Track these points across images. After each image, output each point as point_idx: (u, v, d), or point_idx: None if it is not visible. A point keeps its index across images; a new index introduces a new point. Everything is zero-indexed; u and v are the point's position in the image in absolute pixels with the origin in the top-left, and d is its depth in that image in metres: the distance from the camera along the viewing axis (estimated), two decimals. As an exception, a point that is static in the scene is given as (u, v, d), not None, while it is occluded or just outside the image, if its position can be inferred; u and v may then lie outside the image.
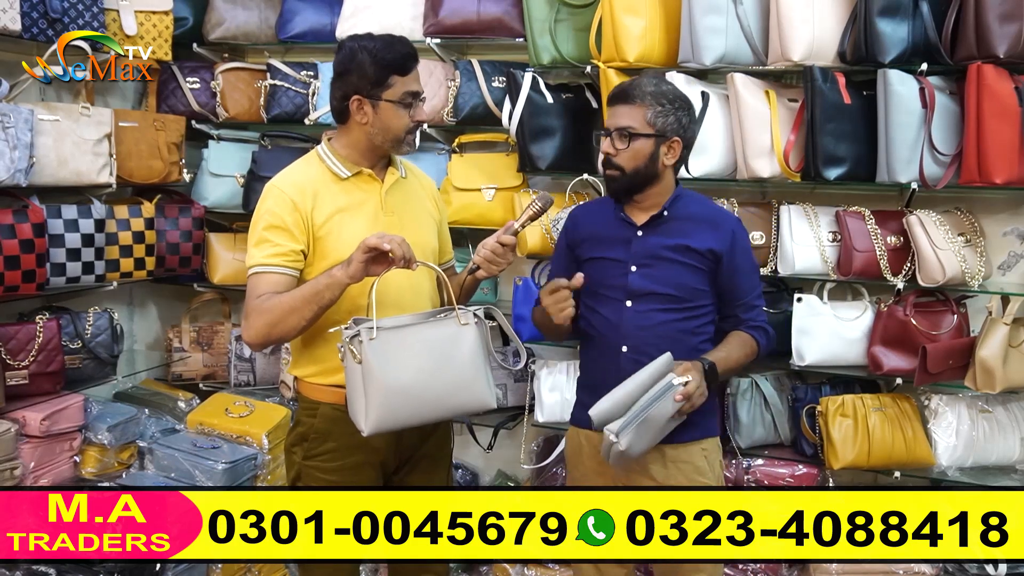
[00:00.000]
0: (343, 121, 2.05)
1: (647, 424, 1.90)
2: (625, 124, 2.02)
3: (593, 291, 2.12)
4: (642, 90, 2.02)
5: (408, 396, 1.85)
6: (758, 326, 2.14)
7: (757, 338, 2.13)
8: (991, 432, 2.64)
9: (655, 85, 2.04)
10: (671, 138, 2.03)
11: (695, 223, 2.09)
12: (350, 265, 1.85)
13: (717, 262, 2.07)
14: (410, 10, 3.02)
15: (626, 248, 2.10)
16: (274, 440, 3.00)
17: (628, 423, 1.88)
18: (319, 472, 2.05)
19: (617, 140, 2.03)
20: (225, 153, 3.27)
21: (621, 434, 1.88)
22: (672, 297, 2.06)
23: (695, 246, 2.06)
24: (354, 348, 1.83)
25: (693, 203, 2.13)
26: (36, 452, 2.67)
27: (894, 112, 2.47)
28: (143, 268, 3.02)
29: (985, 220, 2.66)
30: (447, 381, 1.89)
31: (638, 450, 1.93)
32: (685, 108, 2.06)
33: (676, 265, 2.07)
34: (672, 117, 2.02)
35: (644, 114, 2.01)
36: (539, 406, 2.92)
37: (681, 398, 1.90)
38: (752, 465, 2.76)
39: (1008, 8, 2.35)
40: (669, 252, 2.07)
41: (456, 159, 3.05)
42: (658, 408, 1.90)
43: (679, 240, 2.07)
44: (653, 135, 2.02)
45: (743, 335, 2.12)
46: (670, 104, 2.03)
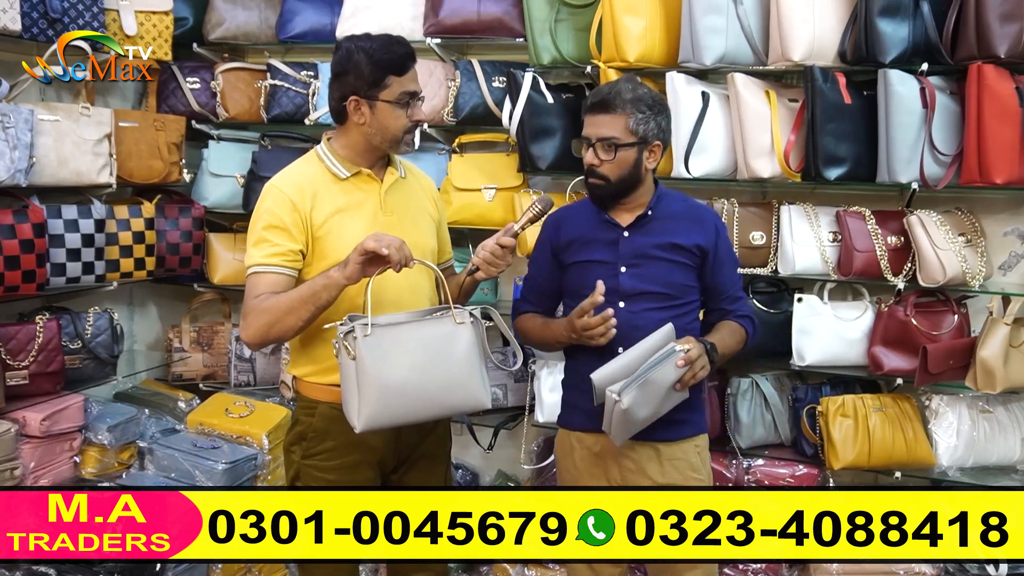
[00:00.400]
0: (341, 122, 2.05)
1: (649, 387, 1.90)
2: (608, 135, 2.02)
3: (581, 294, 2.07)
4: (622, 98, 2.02)
5: (401, 393, 1.85)
6: (745, 315, 2.17)
7: (745, 326, 2.16)
8: (992, 432, 2.64)
9: (632, 91, 2.04)
10: (652, 143, 2.05)
11: (680, 220, 2.11)
12: (347, 267, 1.86)
13: (704, 257, 2.10)
14: (410, 10, 3.02)
15: (613, 249, 2.10)
16: (274, 440, 3.00)
17: (630, 383, 1.89)
18: (317, 471, 2.05)
19: (601, 151, 2.03)
20: (225, 153, 3.27)
21: (623, 392, 1.88)
22: (664, 295, 2.07)
23: (683, 243, 2.08)
24: (348, 344, 1.83)
25: (675, 201, 2.16)
26: (36, 452, 2.67)
27: (895, 112, 2.47)
28: (143, 268, 3.02)
29: (986, 220, 2.66)
30: (441, 379, 1.89)
31: (641, 415, 1.93)
32: (663, 111, 2.08)
33: (665, 263, 2.08)
34: (652, 123, 2.03)
35: (626, 123, 2.01)
36: (539, 406, 2.91)
37: (683, 363, 1.91)
38: (752, 465, 2.76)
39: (1009, 8, 2.35)
40: (658, 251, 2.08)
41: (456, 159, 3.05)
42: (660, 372, 1.91)
43: (666, 238, 2.08)
44: (636, 143, 2.02)
45: (732, 324, 2.14)
46: (649, 109, 2.03)
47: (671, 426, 2.06)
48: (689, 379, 1.94)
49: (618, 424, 1.93)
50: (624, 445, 2.07)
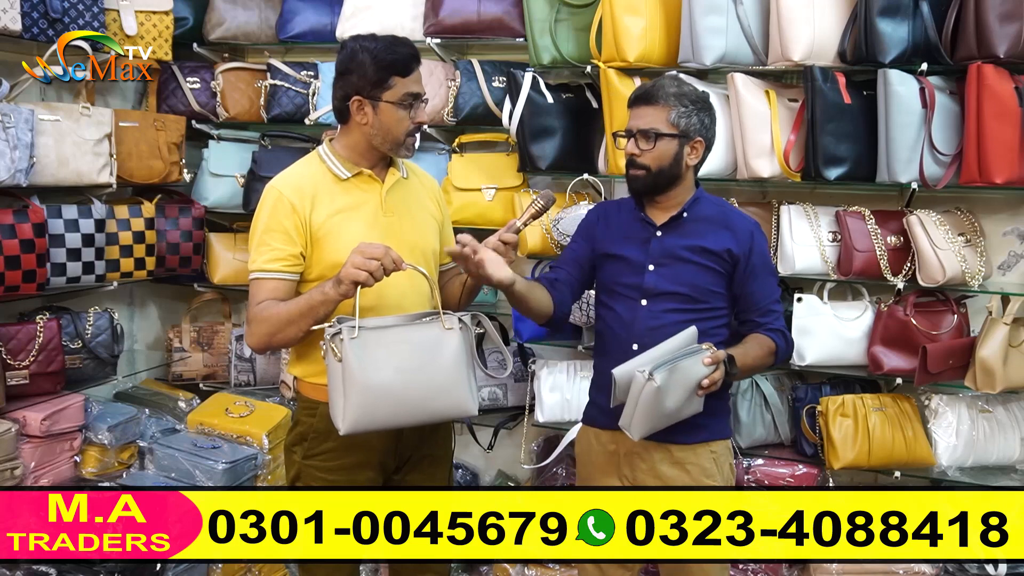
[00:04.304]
0: (344, 121, 2.05)
1: (678, 375, 1.87)
2: (649, 125, 2.04)
3: (610, 288, 2.14)
4: (665, 91, 2.04)
5: (386, 396, 1.84)
6: (775, 329, 2.13)
7: (775, 340, 2.12)
8: (991, 432, 2.64)
9: (677, 86, 2.06)
10: (694, 138, 2.06)
11: (713, 224, 2.11)
12: (340, 286, 1.85)
13: (734, 264, 2.09)
14: (410, 10, 3.02)
15: (644, 247, 2.11)
16: (274, 440, 3.00)
17: (661, 365, 1.86)
18: (318, 471, 2.05)
19: (642, 141, 2.05)
20: (225, 153, 3.26)
21: (656, 372, 1.84)
22: (686, 297, 2.07)
23: (712, 247, 2.08)
24: (335, 346, 1.83)
25: (712, 205, 2.15)
26: (36, 452, 2.67)
27: (894, 112, 2.47)
28: (143, 268, 3.02)
29: (985, 220, 2.66)
30: (427, 384, 1.87)
31: (668, 404, 1.88)
32: (707, 109, 2.08)
33: (692, 265, 2.08)
34: (695, 118, 2.05)
35: (668, 115, 2.03)
36: (539, 406, 2.91)
37: (711, 361, 1.91)
38: (752, 465, 2.76)
39: (1008, 8, 2.35)
40: (686, 252, 2.08)
41: (456, 159, 3.05)
42: (687, 363, 1.89)
43: (696, 241, 2.08)
44: (677, 135, 2.04)
45: (761, 336, 2.12)
46: (692, 105, 2.05)
47: (686, 429, 2.05)
48: (707, 384, 1.93)
49: (643, 411, 1.88)
50: (638, 445, 2.07)
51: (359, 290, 1.85)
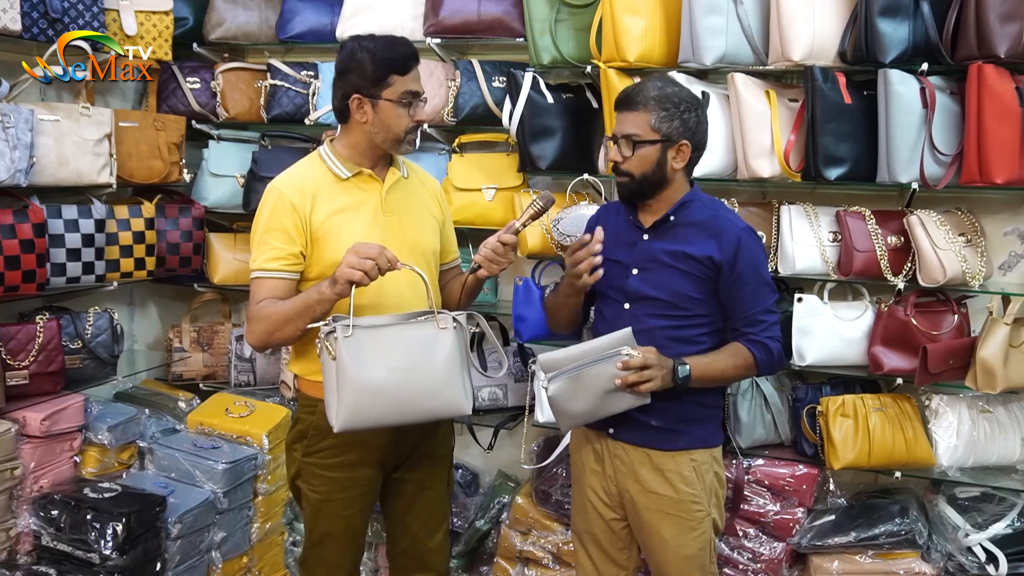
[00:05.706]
0: (344, 120, 2.05)
1: (581, 381, 1.95)
2: (630, 131, 2.02)
3: (601, 292, 2.15)
4: (645, 95, 2.01)
5: (379, 396, 1.85)
6: (757, 340, 2.07)
7: (754, 352, 2.06)
8: (992, 432, 2.64)
9: (659, 89, 2.02)
10: (678, 142, 2.02)
11: (700, 230, 2.07)
12: (336, 286, 1.86)
13: (717, 271, 2.04)
14: (410, 10, 3.02)
15: (631, 251, 2.11)
16: (274, 440, 3.00)
17: (561, 373, 1.96)
18: (319, 469, 2.06)
19: (623, 147, 2.03)
20: (225, 153, 3.27)
21: (552, 380, 1.96)
22: (667, 303, 2.06)
23: (693, 253, 2.04)
24: (329, 344, 1.84)
25: (702, 209, 2.10)
26: (36, 452, 2.66)
27: (895, 112, 2.47)
28: (143, 268, 3.02)
29: (986, 220, 2.66)
30: (420, 384, 1.88)
31: (572, 408, 1.98)
32: (692, 109, 2.04)
33: (673, 271, 2.06)
34: (677, 121, 2.01)
35: (648, 120, 2.01)
36: (539, 406, 2.91)
37: (621, 366, 1.93)
38: (752, 465, 2.76)
39: (1009, 8, 2.34)
40: (668, 257, 2.06)
41: (456, 159, 3.05)
42: (596, 369, 1.94)
43: (680, 246, 2.06)
44: (659, 141, 2.01)
45: (738, 346, 2.07)
46: (675, 108, 2.01)
47: (665, 435, 2.06)
48: (631, 382, 1.93)
49: (554, 411, 2.00)
50: (619, 448, 2.10)
51: (355, 289, 1.85)
